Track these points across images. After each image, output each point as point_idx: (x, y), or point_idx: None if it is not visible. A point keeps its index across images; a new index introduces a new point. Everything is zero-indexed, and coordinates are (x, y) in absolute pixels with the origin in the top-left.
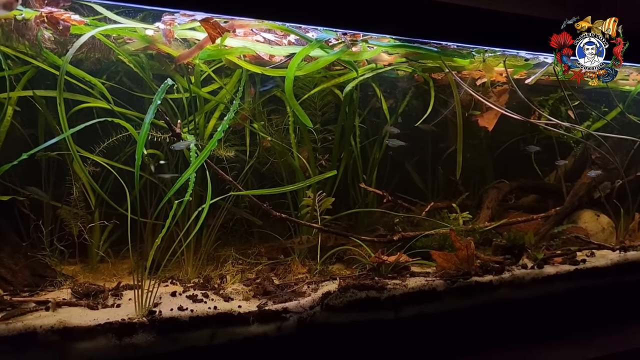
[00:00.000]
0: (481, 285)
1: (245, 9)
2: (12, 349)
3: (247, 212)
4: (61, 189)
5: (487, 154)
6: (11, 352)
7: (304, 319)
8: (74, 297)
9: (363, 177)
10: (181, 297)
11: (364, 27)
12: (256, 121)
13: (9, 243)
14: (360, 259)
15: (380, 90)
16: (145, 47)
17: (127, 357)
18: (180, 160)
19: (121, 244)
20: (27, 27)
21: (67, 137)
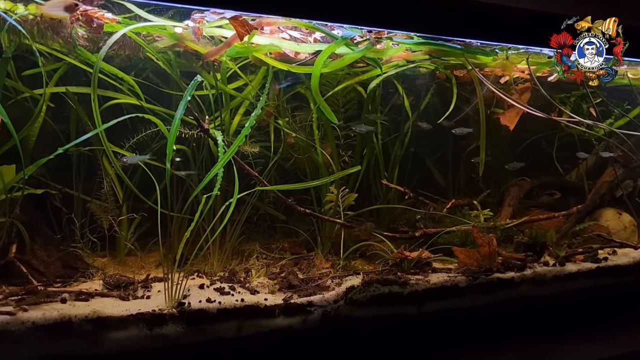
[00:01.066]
0: (503, 282)
1: (273, 7)
2: (48, 337)
3: (271, 207)
4: (91, 183)
5: (509, 151)
6: (48, 340)
7: (328, 313)
8: (105, 288)
9: (385, 174)
10: (209, 289)
11: (389, 24)
12: (280, 117)
13: (41, 235)
14: (383, 255)
15: (402, 87)
16: (173, 44)
17: (157, 347)
18: (206, 155)
19: (147, 237)
20: (62, 25)
21: (100, 132)
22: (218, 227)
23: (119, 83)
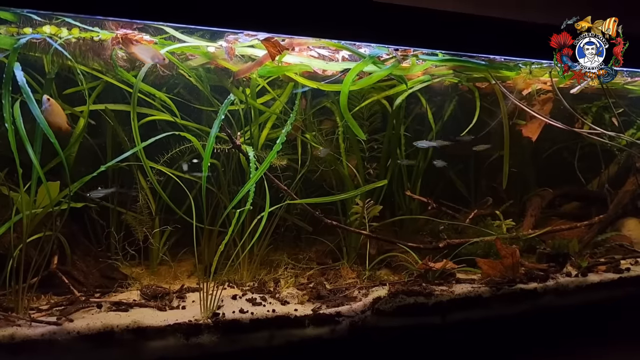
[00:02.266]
0: (526, 293)
1: (305, 29)
2: (92, 346)
3: (298, 218)
4: (126, 196)
5: (530, 162)
6: (92, 349)
7: (356, 323)
8: (143, 298)
9: (408, 185)
10: (241, 300)
11: (415, 43)
12: (308, 131)
13: (80, 247)
14: (408, 266)
15: (425, 99)
16: (206, 62)
17: (193, 355)
18: (237, 168)
19: (177, 247)
20: (102, 47)
21: (140, 150)
22: (248, 238)
23: (151, 99)
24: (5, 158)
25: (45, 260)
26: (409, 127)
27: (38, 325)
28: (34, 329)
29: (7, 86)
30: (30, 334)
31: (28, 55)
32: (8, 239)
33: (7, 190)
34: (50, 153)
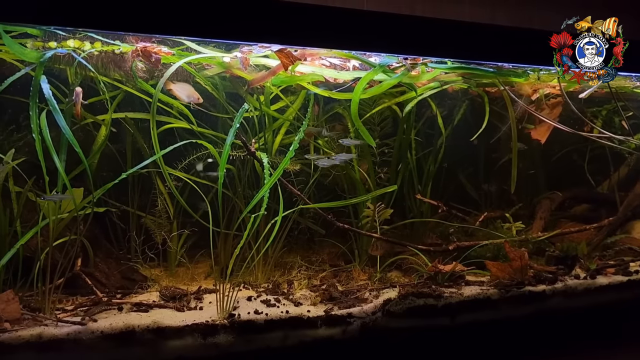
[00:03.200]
0: (534, 295)
1: (316, 40)
2: (115, 345)
3: (311, 222)
4: (145, 199)
5: (540, 164)
6: (115, 348)
7: (367, 324)
8: (162, 299)
9: (419, 188)
10: (256, 301)
11: (424, 51)
12: (320, 137)
13: (101, 249)
14: (418, 268)
15: (435, 103)
16: (221, 71)
17: (210, 355)
18: (252, 173)
19: (194, 249)
20: (123, 60)
21: (159, 158)
22: (263, 241)
23: (169, 108)
24: (32, 165)
25: (69, 263)
26: (420, 131)
27: (64, 325)
28: (60, 329)
29: (35, 99)
30: (57, 333)
31: (52, 67)
32: (34, 243)
33: (34, 196)
34: (73, 160)
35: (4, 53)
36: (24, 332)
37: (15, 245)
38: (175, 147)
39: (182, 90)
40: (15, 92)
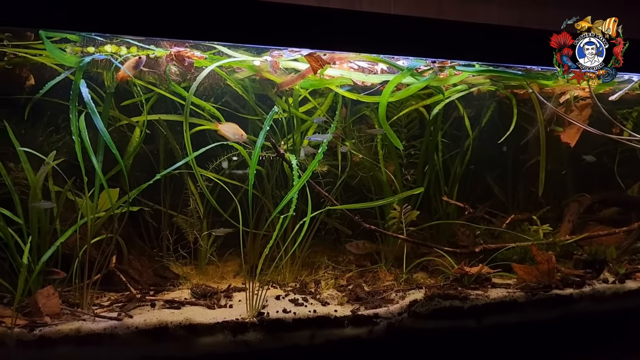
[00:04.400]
0: (561, 298)
1: (345, 44)
2: (149, 341)
3: (338, 223)
4: (177, 199)
5: (568, 166)
6: (149, 343)
7: (393, 324)
8: (193, 297)
9: (445, 190)
10: (284, 300)
11: (452, 55)
12: (347, 139)
13: (135, 247)
14: (444, 270)
15: (462, 105)
16: (251, 74)
17: (240, 352)
18: (280, 173)
19: (223, 247)
20: (157, 64)
21: (191, 159)
22: (291, 241)
23: (200, 110)
24: (70, 165)
25: (105, 260)
26: (447, 133)
27: (101, 320)
28: (97, 324)
29: (74, 102)
30: (94, 328)
31: (90, 70)
32: (72, 240)
33: (72, 195)
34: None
35: (44, 57)
36: (63, 326)
37: (55, 243)
38: (208, 149)
39: (229, 129)
40: (53, 95)
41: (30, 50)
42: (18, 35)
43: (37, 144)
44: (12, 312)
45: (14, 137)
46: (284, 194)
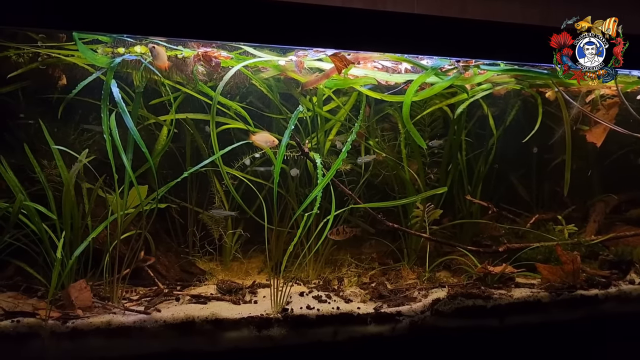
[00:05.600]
0: (586, 299)
1: (369, 44)
2: (177, 334)
3: (361, 221)
4: (202, 196)
5: (594, 165)
6: (176, 337)
7: (416, 322)
8: (219, 292)
9: (468, 189)
10: (308, 297)
11: (476, 54)
12: (371, 137)
13: (162, 243)
14: (467, 269)
15: (486, 103)
16: (276, 74)
17: (264, 347)
18: (304, 172)
19: (247, 244)
20: (185, 64)
21: (218, 158)
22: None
23: (226, 109)
24: (100, 163)
25: (134, 256)
26: (471, 132)
27: (130, 313)
28: (127, 317)
29: (105, 102)
30: (124, 321)
31: (120, 70)
32: (102, 236)
33: (103, 192)
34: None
35: (76, 58)
36: (94, 319)
37: (87, 239)
38: (234, 147)
39: (262, 138)
40: (83, 94)
41: (63, 51)
42: (51, 36)
43: (69, 142)
44: (47, 304)
45: (48, 135)
46: (307, 192)
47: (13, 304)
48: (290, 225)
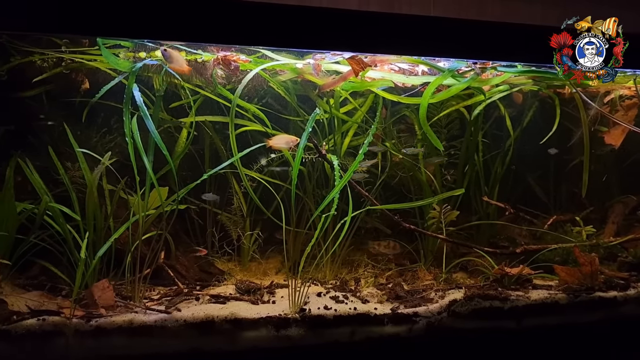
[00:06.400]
0: (605, 301)
1: (386, 47)
2: (197, 334)
3: (377, 222)
4: (221, 197)
5: (613, 167)
6: (196, 336)
7: (432, 323)
8: (237, 292)
9: (485, 190)
10: (325, 297)
11: (494, 56)
12: (387, 139)
13: (181, 243)
14: (484, 270)
15: (503, 104)
16: (294, 76)
17: (282, 346)
18: (321, 173)
19: (265, 246)
20: (204, 68)
21: (237, 160)
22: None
23: (244, 111)
24: (121, 165)
25: (154, 256)
26: (487, 133)
27: (151, 312)
28: (148, 316)
29: (127, 105)
30: (145, 320)
31: (141, 74)
32: (124, 237)
33: (124, 194)
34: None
35: (99, 62)
36: (117, 317)
37: (109, 239)
38: (253, 149)
39: (281, 140)
40: (106, 98)
41: (86, 56)
42: (74, 41)
43: (92, 144)
44: (71, 303)
45: (73, 138)
46: (324, 193)
47: (38, 302)
48: (308, 226)
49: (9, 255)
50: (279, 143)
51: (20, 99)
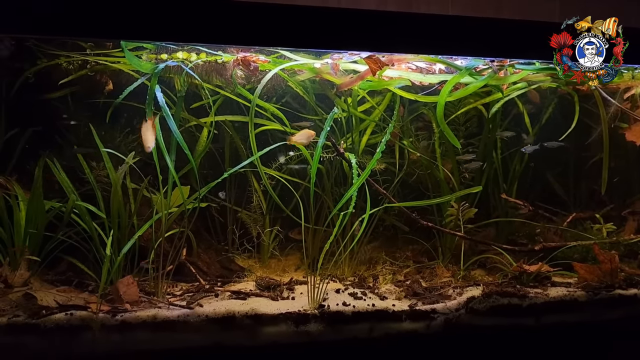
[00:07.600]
0: (625, 299)
1: (403, 46)
2: (218, 329)
3: (395, 219)
4: (240, 195)
5: (633, 163)
6: (218, 331)
7: (450, 320)
8: (258, 288)
9: (504, 187)
10: (344, 294)
11: (512, 54)
12: (405, 137)
13: (203, 240)
14: (502, 267)
15: (521, 102)
16: (312, 76)
17: (301, 342)
18: (339, 171)
19: (285, 243)
20: (225, 68)
21: (256, 159)
22: (350, 237)
23: (263, 110)
24: (144, 164)
25: (177, 253)
26: (506, 130)
27: (174, 308)
28: (171, 311)
29: (150, 106)
30: (169, 315)
31: (163, 75)
32: (147, 234)
33: (148, 193)
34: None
35: (122, 64)
36: (141, 313)
37: (133, 236)
38: (272, 148)
39: (301, 136)
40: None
41: (110, 58)
42: (98, 44)
43: (115, 144)
44: (97, 298)
45: (98, 138)
46: (342, 191)
47: (66, 297)
48: (326, 224)
49: (38, 252)
50: (300, 139)
51: (47, 101)
